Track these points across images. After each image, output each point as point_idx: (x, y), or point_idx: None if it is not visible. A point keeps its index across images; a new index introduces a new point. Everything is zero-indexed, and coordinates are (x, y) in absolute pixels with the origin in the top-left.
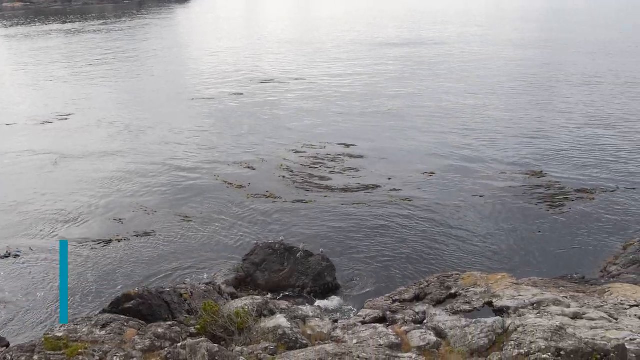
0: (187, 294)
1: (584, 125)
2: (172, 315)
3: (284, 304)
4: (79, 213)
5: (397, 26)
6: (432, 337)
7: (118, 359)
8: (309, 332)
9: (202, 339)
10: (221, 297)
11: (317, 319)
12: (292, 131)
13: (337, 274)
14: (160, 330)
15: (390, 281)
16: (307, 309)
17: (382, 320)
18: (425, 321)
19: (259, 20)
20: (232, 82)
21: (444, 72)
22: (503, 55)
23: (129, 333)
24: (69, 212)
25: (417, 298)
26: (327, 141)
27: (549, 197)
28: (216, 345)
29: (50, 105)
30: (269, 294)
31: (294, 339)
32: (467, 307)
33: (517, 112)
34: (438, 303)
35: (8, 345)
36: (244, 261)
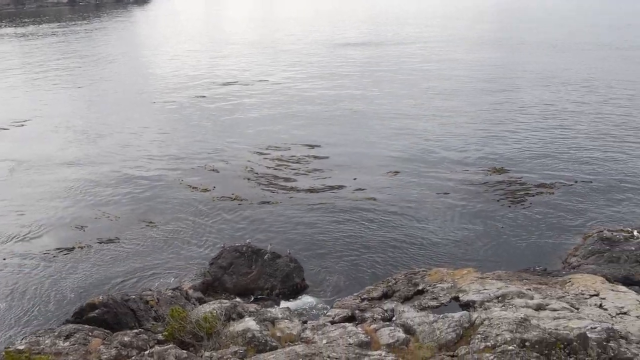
0: (154, 300)
1: (541, 121)
2: (139, 323)
3: (252, 307)
4: (38, 221)
5: (357, 26)
6: (401, 334)
7: None
8: (279, 334)
9: (170, 345)
10: (189, 303)
11: (286, 320)
12: (256, 133)
13: (305, 275)
14: (126, 338)
15: (359, 280)
16: (276, 311)
17: (351, 319)
18: (393, 318)
19: (220, 22)
20: (194, 85)
21: (404, 73)
22: (461, 55)
23: (94, 343)
24: (28, 220)
25: (385, 296)
26: (292, 143)
27: (511, 193)
28: (185, 351)
29: (5, 111)
30: (238, 298)
31: (263, 341)
32: (434, 303)
33: (477, 111)
34: (406, 300)
35: None
36: (211, 265)
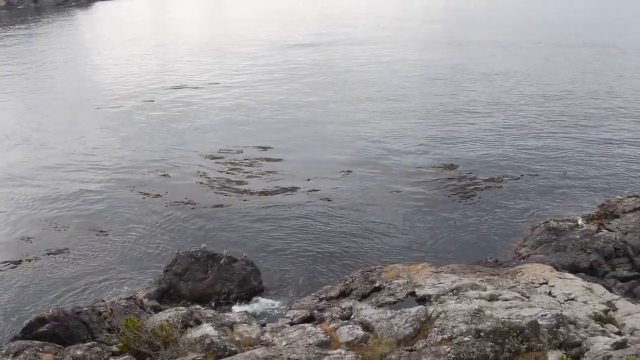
0: (107, 311)
1: (488, 118)
2: (92, 336)
3: (210, 313)
4: None
5: (308, 27)
6: (360, 332)
7: None
8: (238, 338)
9: (126, 357)
10: (144, 312)
11: (244, 324)
12: (208, 137)
13: (262, 277)
14: (79, 352)
15: (316, 280)
16: (234, 316)
17: (310, 319)
18: (352, 316)
19: (167, 25)
20: (141, 90)
21: (355, 73)
22: (410, 55)
23: (45, 359)
24: None
25: (343, 294)
26: (244, 146)
27: (461, 188)
28: None
29: None
30: (194, 304)
31: (222, 347)
32: (391, 299)
33: (427, 110)
34: (363, 297)
35: None
36: (165, 272)
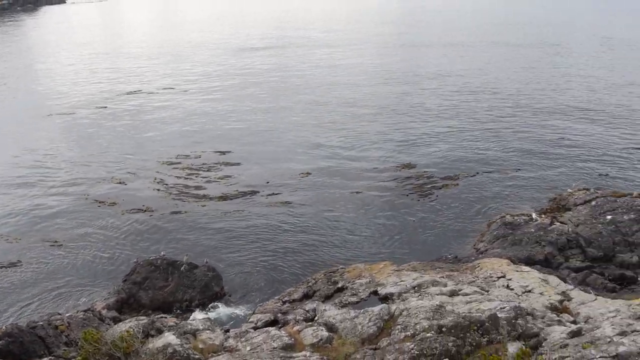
0: (64, 325)
1: (442, 117)
2: (49, 351)
3: (171, 321)
4: None
5: (262, 29)
6: (324, 333)
7: None
8: (201, 345)
9: None
10: (103, 323)
11: (208, 331)
12: (164, 143)
13: (224, 283)
14: None
15: (279, 283)
16: (196, 323)
17: (274, 323)
18: (316, 318)
19: (118, 29)
20: (94, 96)
21: (309, 75)
22: (364, 57)
23: None
24: None
25: (307, 296)
26: (202, 150)
27: (419, 187)
28: None
29: None
30: (156, 313)
31: (185, 355)
32: (354, 299)
33: (383, 111)
34: (327, 298)
35: None
36: (124, 282)
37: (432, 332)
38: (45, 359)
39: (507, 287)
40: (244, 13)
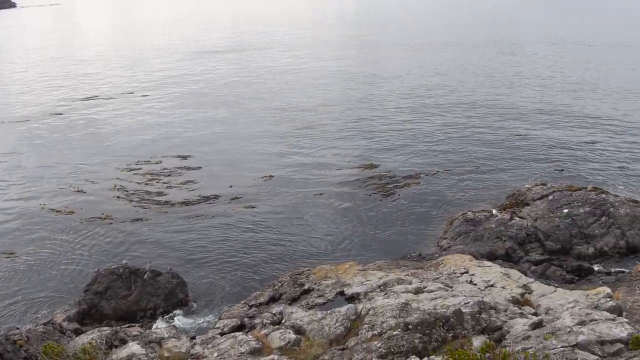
0: (22, 339)
1: (403, 116)
2: None
3: (135, 331)
4: None
5: (221, 31)
6: (292, 335)
7: None
8: (167, 354)
9: None
10: (64, 336)
11: (173, 339)
12: (123, 148)
13: (189, 289)
14: None
15: (245, 287)
16: (161, 331)
17: (241, 327)
18: (283, 321)
19: (73, 32)
20: (49, 102)
21: (270, 77)
22: (324, 58)
23: None
24: None
25: (273, 299)
26: (162, 155)
27: (382, 187)
28: None
29: None
30: (119, 323)
31: None
32: (321, 300)
33: (344, 111)
34: (294, 301)
35: None
36: (85, 292)
37: (399, 329)
38: None
39: (471, 282)
40: (203, 15)
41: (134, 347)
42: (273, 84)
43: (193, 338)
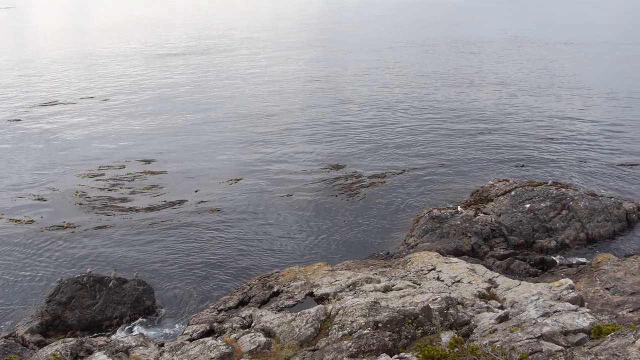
0: None
1: (365, 117)
2: None
3: (102, 340)
4: None
5: (180, 33)
6: (262, 338)
7: None
8: None
9: None
10: (26, 349)
11: (141, 347)
12: (85, 155)
13: (156, 296)
14: None
15: (213, 292)
16: (129, 340)
17: (210, 332)
18: (253, 324)
19: (27, 37)
20: (4, 108)
21: (233, 80)
22: (285, 60)
23: None
24: None
25: (242, 303)
26: (125, 160)
27: (348, 187)
28: None
29: None
30: (85, 333)
31: None
32: (290, 302)
33: (306, 112)
34: (263, 303)
35: None
36: (48, 303)
37: (369, 328)
38: None
39: (438, 278)
40: (161, 17)
41: (100, 357)
42: (235, 89)
43: (161, 345)
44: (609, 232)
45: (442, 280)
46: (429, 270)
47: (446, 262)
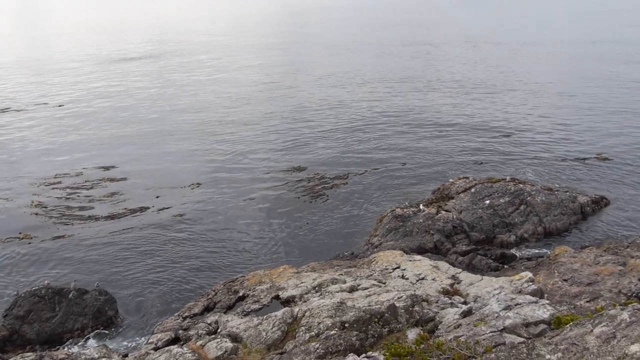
0: None
1: (325, 118)
2: None
3: (63, 354)
4: None
5: (137, 38)
6: (229, 344)
7: None
8: None
9: None
10: None
11: (104, 359)
12: (40, 163)
13: (119, 305)
14: None
15: (178, 299)
16: (91, 352)
17: (175, 340)
18: (219, 330)
19: None
20: None
21: (192, 83)
22: (246, 62)
23: None
24: None
25: (208, 309)
26: (83, 167)
27: (311, 188)
28: None
29: None
30: (44, 347)
31: None
32: (256, 306)
33: (266, 115)
34: (229, 309)
35: None
36: (5, 317)
37: (336, 329)
38: None
39: (403, 277)
40: (117, 20)
41: None
42: (195, 91)
43: (125, 356)
44: (565, 225)
45: (407, 278)
46: (394, 269)
47: (410, 260)
